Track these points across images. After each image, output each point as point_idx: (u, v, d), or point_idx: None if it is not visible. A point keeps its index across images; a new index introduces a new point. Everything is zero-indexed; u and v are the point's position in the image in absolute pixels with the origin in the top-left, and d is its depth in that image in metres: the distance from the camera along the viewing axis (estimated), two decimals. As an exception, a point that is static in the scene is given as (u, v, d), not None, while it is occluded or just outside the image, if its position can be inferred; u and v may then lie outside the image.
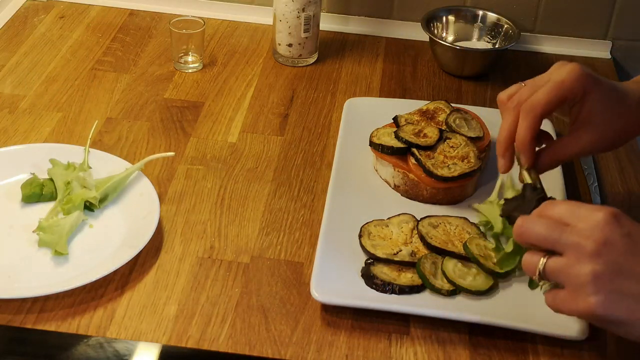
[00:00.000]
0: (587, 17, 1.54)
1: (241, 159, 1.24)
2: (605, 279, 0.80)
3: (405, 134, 1.18)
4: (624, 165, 1.28)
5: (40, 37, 1.50)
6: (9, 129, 1.26)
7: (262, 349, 0.95)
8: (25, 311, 0.97)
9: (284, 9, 1.41)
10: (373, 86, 1.43)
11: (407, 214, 1.11)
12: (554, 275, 0.83)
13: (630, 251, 0.81)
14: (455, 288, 1.01)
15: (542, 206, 0.88)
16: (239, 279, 1.04)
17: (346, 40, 1.55)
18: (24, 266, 1.03)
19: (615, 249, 0.81)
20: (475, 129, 1.21)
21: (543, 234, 0.84)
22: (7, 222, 1.09)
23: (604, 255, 0.80)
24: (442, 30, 1.52)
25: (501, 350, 0.97)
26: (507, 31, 1.49)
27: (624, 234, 0.81)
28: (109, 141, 1.25)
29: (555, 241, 0.83)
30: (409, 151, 1.17)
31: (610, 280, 0.80)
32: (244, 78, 1.42)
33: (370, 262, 1.04)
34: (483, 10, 1.51)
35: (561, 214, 0.84)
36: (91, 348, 0.94)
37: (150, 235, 1.05)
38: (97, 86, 1.38)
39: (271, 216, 1.14)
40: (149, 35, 1.52)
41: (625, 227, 0.82)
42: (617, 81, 1.01)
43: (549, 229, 0.84)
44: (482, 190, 1.18)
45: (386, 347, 0.97)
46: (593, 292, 0.80)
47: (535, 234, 0.84)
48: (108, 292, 1.01)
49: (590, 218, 0.82)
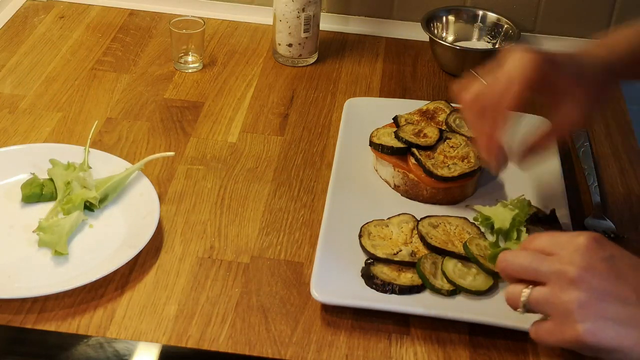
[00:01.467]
0: (587, 17, 1.54)
1: (241, 159, 1.24)
2: (591, 305, 0.77)
3: (405, 134, 1.18)
4: (624, 165, 1.28)
5: (40, 37, 1.50)
6: (9, 129, 1.26)
7: (262, 349, 0.95)
8: (25, 311, 0.97)
9: (284, 9, 1.41)
10: (373, 86, 1.43)
11: (407, 214, 1.11)
12: (539, 306, 0.81)
13: (614, 274, 0.79)
14: (455, 288, 1.01)
15: (525, 240, 0.86)
16: (239, 279, 1.04)
17: (346, 40, 1.55)
18: (24, 266, 1.03)
19: (598, 273, 0.78)
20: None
21: (525, 265, 0.82)
22: (7, 222, 1.09)
23: (587, 281, 0.78)
24: (442, 30, 1.52)
25: (501, 350, 0.97)
26: (507, 31, 1.49)
27: (606, 257, 0.79)
28: (109, 141, 1.25)
29: (536, 271, 0.81)
30: (409, 151, 1.17)
31: (596, 306, 0.77)
32: (244, 78, 1.42)
33: (370, 262, 1.04)
34: (483, 10, 1.51)
35: (543, 244, 0.83)
36: (91, 348, 0.94)
37: (150, 235, 1.05)
38: (97, 86, 1.38)
39: (271, 216, 1.14)
40: (149, 35, 1.52)
41: (607, 251, 0.80)
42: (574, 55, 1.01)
43: (530, 259, 0.82)
44: (482, 190, 1.18)
45: (386, 347, 0.97)
46: (580, 320, 0.77)
47: (518, 266, 0.82)
48: (108, 292, 1.01)
49: (571, 244, 0.80)
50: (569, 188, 1.18)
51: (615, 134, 1.35)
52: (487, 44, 1.50)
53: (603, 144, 1.32)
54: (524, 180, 1.19)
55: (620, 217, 1.17)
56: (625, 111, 1.41)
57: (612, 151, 1.31)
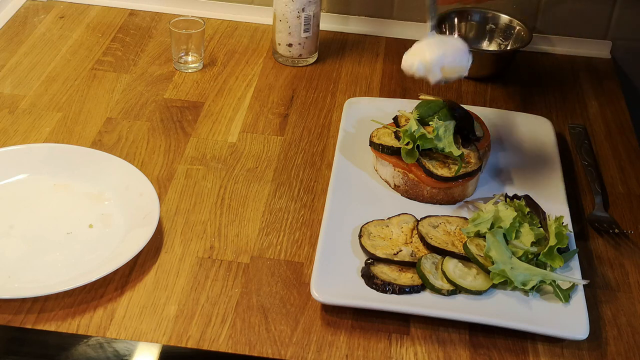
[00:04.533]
0: (587, 17, 1.54)
1: (241, 159, 1.24)
2: None
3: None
4: (624, 165, 1.28)
5: (40, 37, 1.50)
6: (9, 129, 1.26)
7: (262, 349, 0.95)
8: (25, 311, 0.97)
9: (284, 9, 1.41)
10: (373, 86, 1.43)
11: (407, 214, 1.11)
12: None
13: None
14: (455, 288, 1.01)
15: None
16: (239, 279, 1.04)
17: (346, 40, 1.55)
18: (24, 266, 1.03)
19: None
20: (476, 129, 1.21)
21: None
22: (7, 222, 1.09)
23: None
24: (453, 32, 1.51)
25: (501, 350, 0.97)
26: (519, 33, 1.48)
27: None
28: (109, 141, 1.25)
29: None
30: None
31: None
32: (244, 78, 1.42)
33: (370, 262, 1.04)
34: (493, 11, 1.51)
35: None
36: (91, 348, 0.94)
37: (150, 235, 1.05)
38: (97, 86, 1.37)
39: (271, 216, 1.14)
40: (149, 35, 1.52)
41: None
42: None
43: None
44: (482, 191, 1.18)
45: (386, 347, 0.97)
46: None
47: None
48: (108, 292, 1.01)
49: None
50: (568, 185, 1.18)
51: (615, 134, 1.35)
52: (498, 46, 1.50)
53: (603, 144, 1.32)
54: (524, 180, 1.19)
55: (620, 217, 1.17)
56: (625, 111, 1.41)
57: (612, 151, 1.31)
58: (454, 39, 1.14)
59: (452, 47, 1.12)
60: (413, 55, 1.13)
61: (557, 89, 1.45)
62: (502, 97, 1.42)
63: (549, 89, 1.45)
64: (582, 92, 1.45)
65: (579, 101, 1.42)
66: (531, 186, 1.18)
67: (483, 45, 1.51)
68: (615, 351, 0.98)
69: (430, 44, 1.12)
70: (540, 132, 1.28)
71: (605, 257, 1.11)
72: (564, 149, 1.29)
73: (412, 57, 1.13)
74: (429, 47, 1.11)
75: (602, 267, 1.09)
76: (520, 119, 1.32)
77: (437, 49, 1.11)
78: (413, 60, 1.12)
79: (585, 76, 1.49)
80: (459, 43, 1.13)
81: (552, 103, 1.41)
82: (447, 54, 1.11)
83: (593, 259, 1.10)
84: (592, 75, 1.50)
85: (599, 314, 1.02)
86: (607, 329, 1.01)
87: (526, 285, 1.00)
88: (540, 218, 1.08)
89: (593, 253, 1.11)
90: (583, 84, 1.47)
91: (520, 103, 1.40)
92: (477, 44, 1.51)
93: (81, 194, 1.14)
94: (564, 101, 1.42)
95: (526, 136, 1.28)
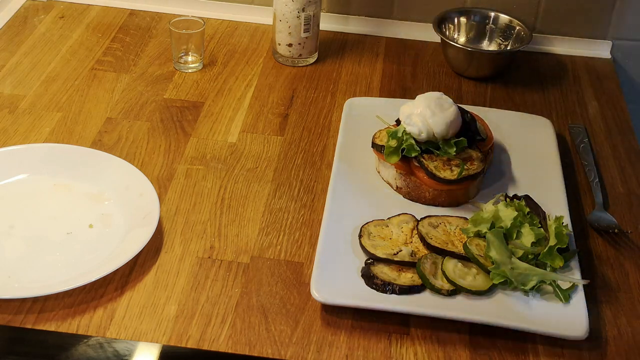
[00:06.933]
0: (587, 17, 1.54)
1: (241, 159, 1.24)
2: None
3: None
4: (624, 165, 1.28)
5: (40, 37, 1.50)
6: (9, 129, 1.26)
7: (262, 349, 0.95)
8: (25, 311, 0.97)
9: (284, 9, 1.41)
10: (373, 86, 1.43)
11: (407, 214, 1.11)
12: None
13: None
14: (455, 288, 1.01)
15: None
16: (239, 279, 1.04)
17: (346, 40, 1.55)
18: (24, 266, 1.03)
19: None
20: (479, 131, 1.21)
21: None
22: (7, 222, 1.09)
23: None
24: (453, 32, 1.51)
25: (501, 350, 0.97)
26: (519, 33, 1.48)
27: None
28: (109, 141, 1.25)
29: None
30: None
31: None
32: (244, 78, 1.42)
33: (370, 262, 1.04)
34: (495, 11, 1.51)
35: None
36: (91, 348, 0.94)
37: (150, 235, 1.05)
38: (97, 86, 1.37)
39: (271, 216, 1.14)
40: (149, 35, 1.52)
41: None
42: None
43: None
44: (485, 193, 1.18)
45: (386, 347, 0.97)
46: None
47: None
48: (108, 292, 1.01)
49: None
50: (568, 185, 1.18)
51: (615, 134, 1.35)
52: (498, 46, 1.50)
53: (603, 144, 1.32)
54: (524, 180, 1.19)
55: (620, 217, 1.17)
56: (625, 111, 1.41)
57: (612, 151, 1.31)
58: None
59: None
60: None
61: (557, 89, 1.45)
62: (502, 97, 1.42)
63: (549, 89, 1.45)
64: (582, 92, 1.45)
65: (579, 101, 1.42)
66: (531, 186, 1.18)
67: (483, 45, 1.51)
68: (615, 351, 0.98)
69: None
70: (540, 132, 1.28)
71: (605, 257, 1.11)
72: (564, 149, 1.29)
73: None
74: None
75: (602, 267, 1.09)
76: (520, 119, 1.32)
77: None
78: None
79: (585, 76, 1.49)
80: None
81: (552, 103, 1.41)
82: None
83: (593, 259, 1.10)
84: (592, 75, 1.50)
85: (599, 314, 1.02)
86: (607, 329, 1.01)
87: (526, 285, 1.00)
88: (540, 218, 1.08)
89: (593, 253, 1.11)
90: (583, 84, 1.47)
91: (520, 103, 1.40)
92: (477, 44, 1.51)
93: (81, 194, 1.14)
94: (564, 101, 1.42)
95: (526, 136, 1.28)
